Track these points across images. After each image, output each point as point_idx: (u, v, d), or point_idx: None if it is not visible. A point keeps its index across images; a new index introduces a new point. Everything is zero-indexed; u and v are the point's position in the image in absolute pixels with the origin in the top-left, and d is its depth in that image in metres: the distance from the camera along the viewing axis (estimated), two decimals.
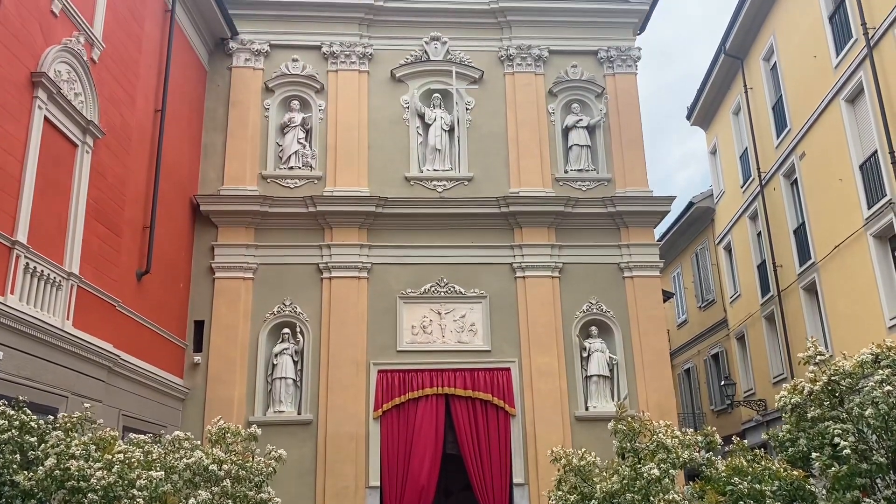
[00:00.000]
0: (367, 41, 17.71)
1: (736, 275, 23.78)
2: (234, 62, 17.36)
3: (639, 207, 16.70)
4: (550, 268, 16.35)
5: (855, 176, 15.49)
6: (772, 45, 19.62)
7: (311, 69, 17.45)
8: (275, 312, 15.80)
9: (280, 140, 17.05)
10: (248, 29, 17.45)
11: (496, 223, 16.64)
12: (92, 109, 11.63)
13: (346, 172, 16.68)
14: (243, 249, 16.04)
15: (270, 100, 17.26)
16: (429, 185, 16.87)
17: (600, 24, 18.24)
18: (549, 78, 17.85)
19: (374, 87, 17.51)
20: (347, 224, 16.28)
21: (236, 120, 16.90)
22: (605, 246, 16.68)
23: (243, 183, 16.43)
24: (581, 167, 17.26)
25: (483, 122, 17.48)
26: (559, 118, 17.65)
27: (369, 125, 17.16)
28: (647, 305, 16.27)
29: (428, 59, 17.75)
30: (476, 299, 16.18)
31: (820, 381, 7.36)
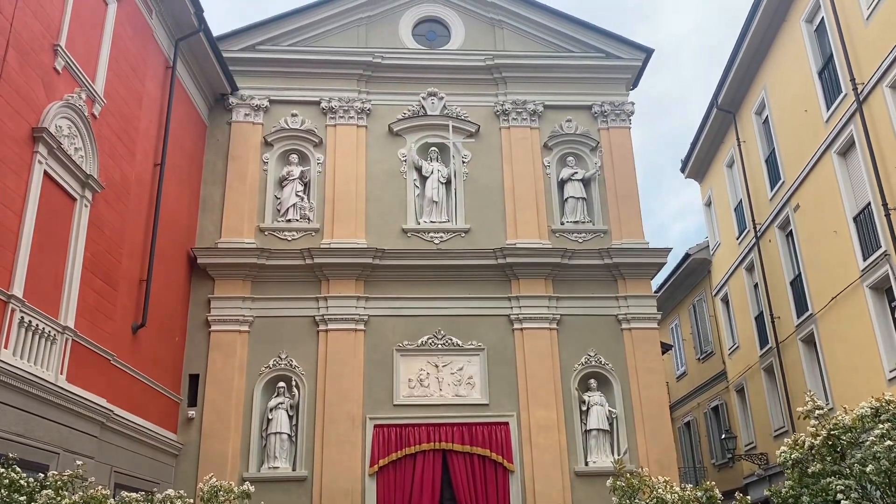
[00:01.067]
0: (366, 97, 17.98)
1: (734, 326, 23.69)
2: (234, 117, 17.59)
3: (635, 259, 16.75)
4: (548, 319, 16.30)
5: (849, 228, 15.59)
6: (763, 100, 19.94)
7: (310, 124, 17.68)
8: (270, 366, 15.68)
9: (278, 193, 17.16)
10: (248, 85, 17.74)
11: (493, 274, 16.65)
12: (92, 164, 11.75)
13: (343, 224, 16.75)
14: (239, 302, 15.99)
15: (269, 153, 17.44)
16: (426, 236, 16.94)
17: (594, 79, 18.56)
18: (545, 132, 18.08)
19: (372, 141, 17.71)
20: (344, 276, 16.28)
21: (235, 173, 17.04)
22: (602, 297, 16.66)
23: (241, 235, 16.48)
24: (577, 219, 17.37)
25: (480, 174, 17.65)
26: (555, 171, 17.82)
27: (367, 178, 17.31)
28: (646, 357, 16.19)
29: (425, 114, 18.01)
30: (474, 351, 16.10)
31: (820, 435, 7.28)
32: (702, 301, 26.44)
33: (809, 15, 17.20)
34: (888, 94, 13.99)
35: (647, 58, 18.56)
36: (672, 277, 27.30)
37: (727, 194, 23.51)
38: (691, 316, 27.41)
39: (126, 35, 13.24)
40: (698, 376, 26.93)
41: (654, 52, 18.58)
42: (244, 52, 17.86)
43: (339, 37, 18.44)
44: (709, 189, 25.64)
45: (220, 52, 16.72)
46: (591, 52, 18.68)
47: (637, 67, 18.61)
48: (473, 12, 19.04)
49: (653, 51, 18.57)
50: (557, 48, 18.78)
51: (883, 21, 14.12)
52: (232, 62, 17.44)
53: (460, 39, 18.87)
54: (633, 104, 18.47)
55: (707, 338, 25.90)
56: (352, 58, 18.02)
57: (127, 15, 13.29)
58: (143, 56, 14.01)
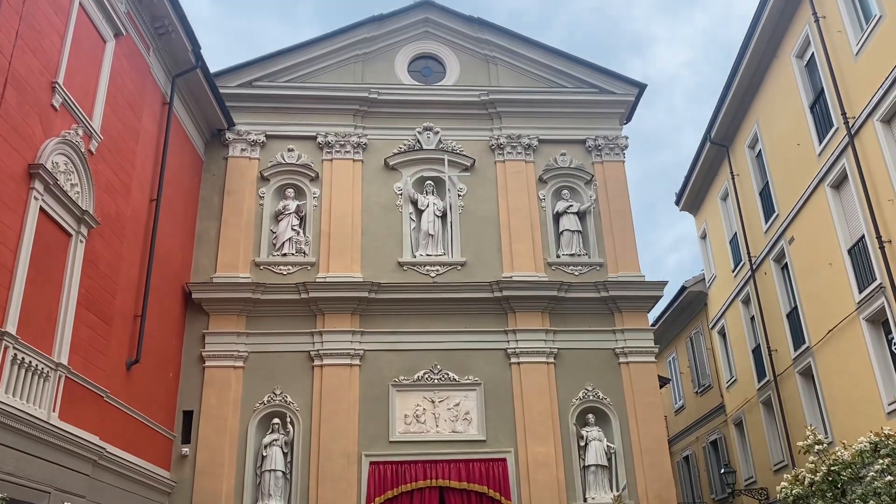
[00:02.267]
0: (362, 131, 18.13)
1: (731, 359, 23.57)
2: (231, 152, 17.69)
3: (632, 292, 16.77)
4: (545, 353, 16.26)
5: (844, 260, 15.64)
6: (756, 134, 20.12)
7: (307, 158, 17.79)
8: (265, 402, 15.57)
9: (274, 227, 17.21)
10: (245, 120, 17.88)
11: (489, 308, 16.64)
12: (87, 199, 11.77)
13: (339, 258, 16.76)
14: (234, 337, 15.93)
15: (265, 188, 17.51)
16: (422, 269, 16.95)
17: (587, 114, 18.77)
18: (539, 165, 18.23)
19: (368, 175, 17.82)
20: (340, 310, 16.25)
21: (231, 208, 17.09)
22: (599, 331, 16.66)
23: (236, 270, 16.49)
24: (573, 252, 17.43)
25: (475, 207, 17.74)
26: (550, 204, 17.92)
27: (363, 212, 17.38)
28: (644, 391, 16.12)
29: (421, 148, 18.14)
30: (470, 386, 16.01)
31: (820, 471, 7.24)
32: (699, 334, 26.35)
33: (800, 50, 17.47)
34: (879, 128, 14.15)
35: (640, 92, 18.79)
36: (668, 310, 27.22)
37: (722, 227, 23.59)
38: (688, 349, 27.30)
39: (123, 72, 13.37)
40: (696, 410, 26.73)
41: (647, 86, 18.83)
42: (241, 88, 18.03)
43: (336, 73, 18.66)
44: (704, 222, 25.74)
45: (216, 88, 16.87)
46: (585, 87, 18.90)
47: (630, 102, 18.83)
48: (468, 49, 19.30)
49: (646, 86, 18.80)
50: (551, 83, 19.00)
51: (872, 56, 14.35)
52: (229, 98, 17.60)
53: (455, 75, 19.09)
54: (627, 138, 18.66)
55: (705, 371, 25.78)
56: (348, 93, 18.21)
57: (124, 52, 13.44)
58: (140, 92, 14.13)
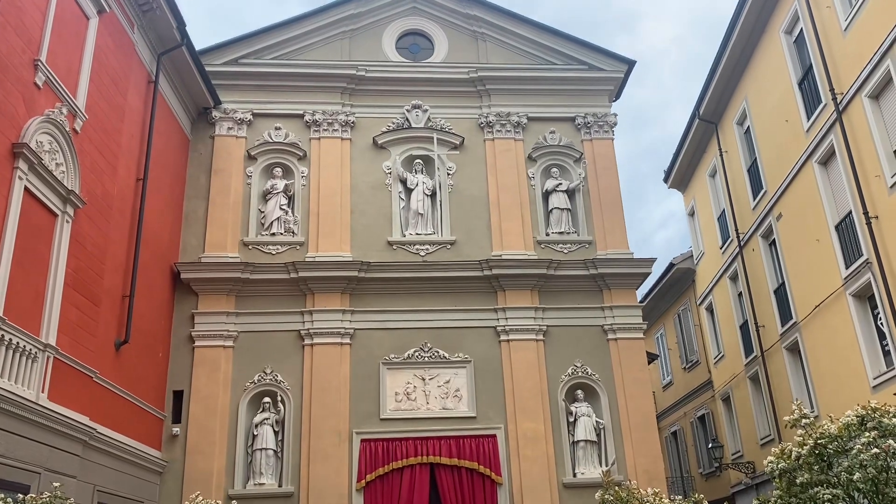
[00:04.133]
0: (350, 109, 18.03)
1: (719, 335, 23.80)
2: (217, 131, 17.56)
3: (620, 269, 16.85)
4: (534, 331, 16.34)
5: (832, 236, 15.75)
6: (745, 110, 20.15)
7: (294, 137, 17.69)
8: (255, 381, 15.60)
9: (262, 206, 17.14)
10: (231, 98, 17.72)
11: (479, 286, 16.70)
12: (73, 179, 11.65)
13: (328, 238, 16.75)
14: (224, 317, 15.92)
15: (253, 167, 17.42)
16: (411, 248, 16.96)
17: (577, 91, 18.72)
18: (529, 143, 18.20)
19: (357, 154, 17.75)
20: (329, 289, 16.25)
21: (218, 187, 17.00)
22: (588, 308, 16.75)
23: (224, 250, 16.45)
24: (562, 230, 17.46)
25: (465, 186, 17.72)
26: (539, 182, 17.92)
27: (352, 191, 17.33)
28: (632, 368, 16.25)
29: (409, 127, 18.07)
30: (460, 364, 16.09)
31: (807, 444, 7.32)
32: (687, 310, 26.55)
33: (789, 26, 17.44)
34: (867, 104, 14.19)
35: (629, 69, 18.74)
36: (657, 287, 27.38)
37: (710, 204, 23.69)
38: (676, 325, 27.50)
39: (108, 49, 13.18)
40: (684, 386, 26.99)
41: (636, 63, 18.78)
42: (227, 66, 17.86)
43: (323, 50, 18.48)
44: (692, 199, 25.82)
45: (202, 66, 16.69)
46: (574, 64, 18.83)
47: (619, 79, 18.79)
48: (456, 25, 19.15)
49: (635, 62, 18.75)
50: (540, 60, 18.92)
51: (860, 31, 14.34)
52: (215, 76, 17.42)
53: (444, 52, 18.96)
54: (616, 115, 18.64)
55: (692, 347, 26.00)
56: (335, 71, 18.07)
57: (108, 29, 13.24)
58: (124, 70, 13.94)
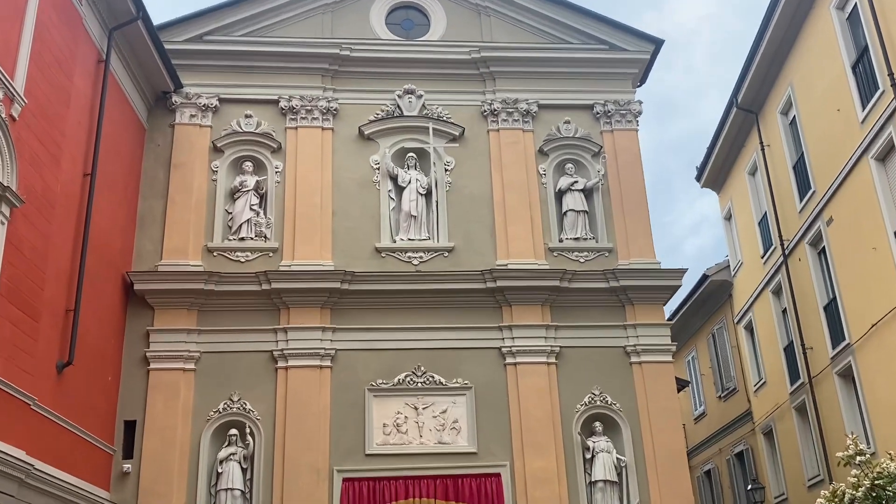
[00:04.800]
0: (332, 94, 18.02)
1: (760, 359, 23.78)
2: (178, 118, 17.55)
3: (646, 281, 16.87)
4: (545, 352, 16.32)
5: (891, 243, 15.73)
6: (790, 97, 20.17)
7: (267, 126, 17.70)
8: (220, 410, 15.57)
9: (229, 207, 17.14)
10: (195, 81, 17.71)
11: (481, 301, 16.70)
12: (9, 174, 11.63)
13: (306, 243, 16.73)
14: (184, 335, 15.89)
15: (219, 161, 17.41)
16: (403, 256, 16.96)
17: (595, 75, 18.76)
18: (539, 135, 18.21)
19: (340, 146, 17.75)
20: (307, 303, 16.24)
21: (179, 184, 16.99)
22: (608, 326, 16.75)
23: (185, 257, 16.42)
24: (578, 235, 17.47)
25: (465, 184, 17.74)
26: (551, 180, 17.93)
27: (334, 189, 17.34)
28: (660, 396, 16.24)
29: (401, 115, 18.07)
30: (459, 391, 16.07)
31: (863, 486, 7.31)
32: (722, 329, 26.54)
33: (841, 1, 17.48)
34: None
35: (656, 50, 18.78)
36: (688, 303, 27.39)
37: (750, 206, 23.71)
38: (710, 347, 27.48)
39: (51, 24, 13.18)
40: (719, 417, 26.95)
41: (663, 43, 18.83)
42: (190, 44, 17.86)
43: (301, 26, 18.50)
44: (728, 200, 25.82)
45: (161, 44, 16.67)
46: (593, 43, 18.87)
47: (645, 61, 18.83)
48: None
49: (662, 42, 18.81)
50: (553, 39, 18.96)
51: None
52: (176, 55, 17.40)
53: (441, 29, 18.99)
54: (641, 103, 18.66)
55: (729, 372, 25.98)
56: (315, 50, 18.08)
57: (52, 1, 13.23)
58: (71, 48, 13.94)
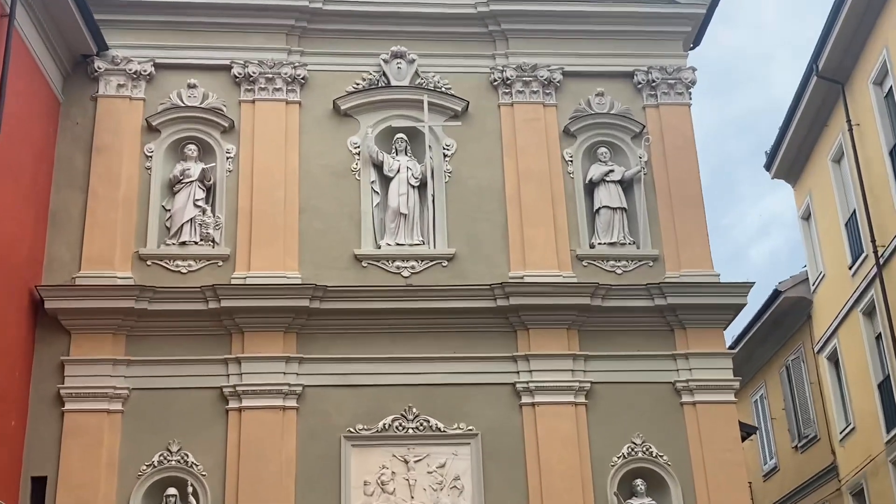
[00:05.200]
0: (299, 59, 17.94)
1: (847, 398, 23.77)
2: (102, 89, 17.46)
3: (701, 299, 16.75)
4: (573, 390, 16.17)
5: None
6: (885, 63, 20.11)
7: (216, 99, 17.63)
8: (155, 464, 15.39)
9: (168, 203, 17.05)
10: (124, 41, 17.61)
11: (491, 323, 16.61)
12: None
13: (265, 249, 16.64)
14: (109, 367, 15.74)
15: (154, 143, 17.32)
16: (390, 266, 16.84)
17: (636, 34, 18.67)
18: (565, 111, 18.11)
19: (309, 125, 17.70)
20: (267, 326, 16.13)
21: (102, 173, 16.89)
22: (652, 356, 16.63)
23: (111, 267, 16.30)
24: (614, 240, 17.33)
25: (469, 174, 17.66)
26: (580, 169, 17.83)
27: (301, 180, 17.28)
28: (719, 446, 16.09)
29: (388, 85, 17.99)
30: (461, 439, 15.95)
31: None
32: (799, 361, 26.62)
33: None
34: None
35: (713, 3, 18.61)
36: (755, 326, 27.46)
37: (834, 203, 23.70)
38: (784, 383, 27.58)
39: None
40: (796, 473, 27.02)
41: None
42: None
43: None
44: (806, 195, 25.87)
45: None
46: None
47: (699, 17, 18.73)
48: None
49: None
50: None
51: None
52: (99, 8, 17.16)
53: None
54: (695, 70, 18.54)
55: (808, 416, 26.02)
56: (280, 1, 17.97)
57: None
58: None
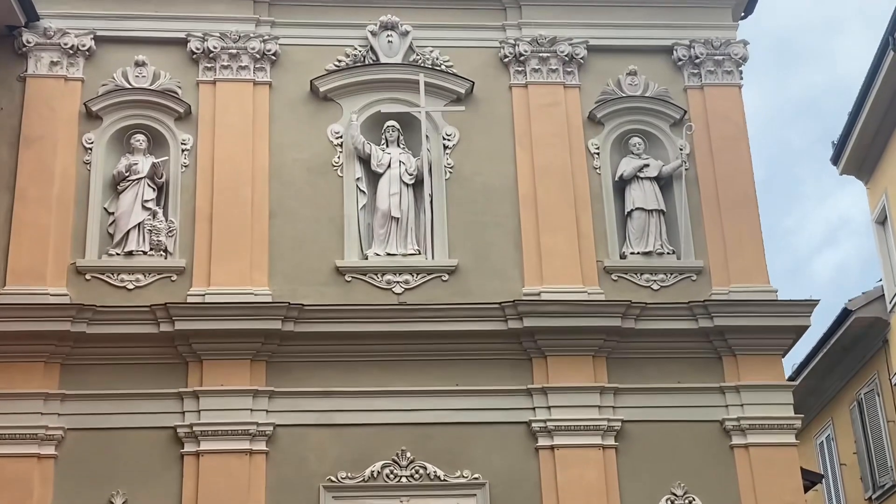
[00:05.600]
0: (269, 30, 18.11)
1: None
2: (31, 67, 17.59)
3: (755, 320, 16.87)
4: (600, 430, 16.30)
5: None
6: None
7: (169, 79, 17.79)
8: None
9: (111, 205, 17.18)
10: (58, 10, 17.73)
11: (501, 349, 16.76)
12: None
13: (229, 261, 16.76)
14: (39, 403, 15.79)
15: (95, 133, 17.44)
16: (379, 281, 16.98)
17: (677, 1, 18.91)
18: (590, 93, 18.33)
19: (282, 110, 17.86)
20: (231, 354, 16.24)
21: (32, 169, 16.98)
22: (696, 389, 16.78)
23: (42, 281, 16.39)
24: (649, 248, 17.48)
25: (474, 169, 17.81)
26: (608, 163, 18.01)
27: (272, 176, 17.42)
28: (777, 497, 16.18)
29: (376, 62, 18.16)
30: (465, 490, 16.07)
31: None
32: (873, 395, 26.37)
33: None
34: None
35: None
36: (819, 352, 27.31)
37: None
38: (855, 421, 27.32)
39: None
40: None
41: None
42: None
43: None
44: (882, 194, 25.74)
45: None
46: None
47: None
48: None
49: None
50: None
51: None
52: None
53: None
54: (747, 44, 18.79)
55: (884, 461, 25.80)
56: None
57: None
58: None
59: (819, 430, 28.97)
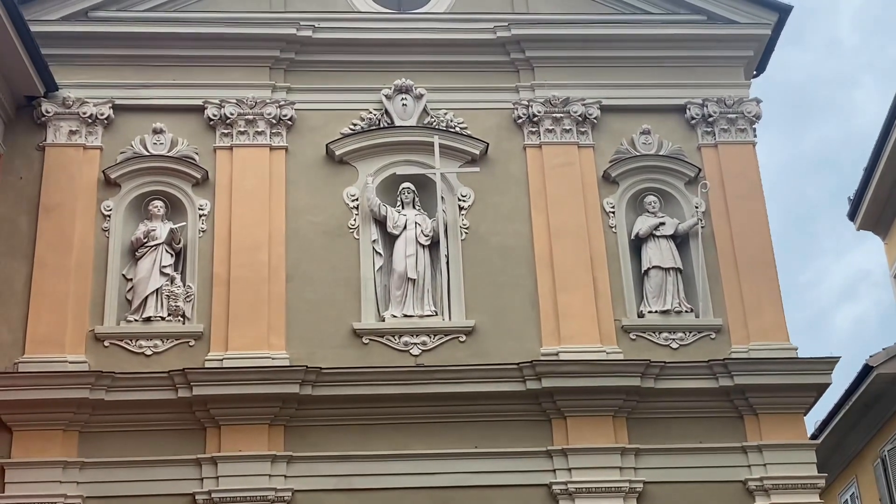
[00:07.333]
0: (285, 96, 18.22)
1: None
2: (51, 136, 17.69)
3: (775, 378, 16.71)
4: (622, 492, 16.11)
5: None
6: None
7: (186, 145, 17.88)
8: None
9: (129, 271, 17.21)
10: (76, 80, 17.91)
11: (520, 410, 16.64)
12: None
13: (246, 325, 16.74)
14: (58, 471, 15.71)
15: (113, 200, 17.54)
16: (396, 343, 16.92)
17: (689, 60, 18.98)
18: (604, 153, 18.35)
19: (298, 175, 17.92)
20: (249, 419, 16.16)
21: (51, 237, 17.06)
22: (717, 450, 16.59)
23: (61, 349, 16.39)
24: (668, 307, 17.40)
25: (490, 230, 17.83)
26: (624, 222, 18.01)
27: (288, 240, 17.44)
28: None
29: (391, 125, 18.23)
30: None
31: None
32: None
33: None
34: None
35: (780, 20, 18.91)
36: (841, 410, 27.00)
37: None
38: (879, 478, 27.13)
39: None
40: None
41: (791, 10, 18.91)
42: (70, 24, 18.10)
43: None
44: None
45: (25, 24, 16.73)
46: (683, 12, 19.10)
47: (764, 38, 19.03)
48: None
49: (790, 9, 18.88)
50: (621, 8, 19.21)
51: None
52: (48, 41, 17.51)
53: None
54: (759, 102, 18.79)
55: None
56: (262, 30, 18.36)
57: None
58: None
59: (843, 488, 28.82)
